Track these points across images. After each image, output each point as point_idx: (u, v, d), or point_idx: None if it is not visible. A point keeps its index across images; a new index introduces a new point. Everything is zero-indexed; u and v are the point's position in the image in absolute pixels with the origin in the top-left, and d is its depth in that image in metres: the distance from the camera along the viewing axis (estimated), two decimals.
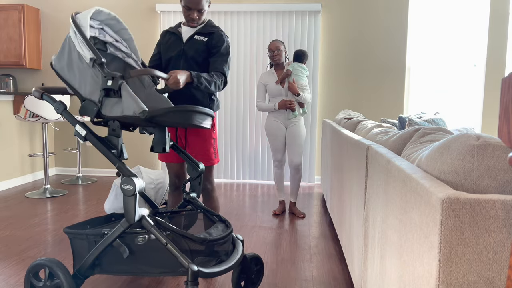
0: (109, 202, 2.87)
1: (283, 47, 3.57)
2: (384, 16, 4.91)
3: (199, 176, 2.13)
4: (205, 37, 2.34)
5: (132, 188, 1.69)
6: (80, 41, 1.77)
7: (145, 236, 1.78)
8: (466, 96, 4.96)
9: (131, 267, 1.82)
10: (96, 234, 1.84)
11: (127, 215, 1.73)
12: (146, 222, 1.75)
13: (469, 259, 0.88)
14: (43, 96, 1.88)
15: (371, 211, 1.63)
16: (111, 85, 1.73)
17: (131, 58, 2.13)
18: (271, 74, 3.62)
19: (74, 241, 1.91)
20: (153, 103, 2.12)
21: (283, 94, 3.57)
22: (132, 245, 1.80)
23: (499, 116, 0.60)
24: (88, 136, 1.80)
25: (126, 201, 1.72)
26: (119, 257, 1.82)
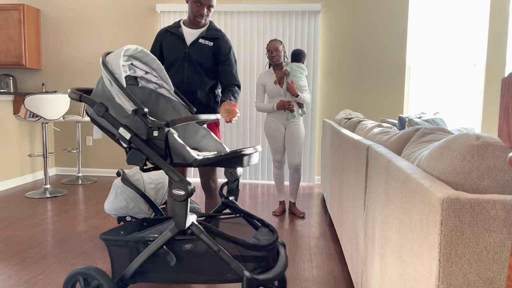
0: (109, 202, 2.87)
1: (282, 47, 3.55)
2: (384, 16, 4.91)
3: (237, 180, 2.06)
4: (210, 41, 2.36)
5: (184, 193, 1.62)
6: (118, 91, 1.70)
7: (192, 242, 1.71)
8: (466, 96, 4.96)
9: (177, 275, 1.74)
10: (139, 240, 1.76)
11: (178, 220, 1.65)
12: (196, 228, 1.68)
13: (469, 259, 0.88)
14: (82, 98, 1.76)
15: (371, 211, 1.63)
16: (157, 135, 1.67)
17: (163, 87, 2.09)
18: (269, 74, 3.60)
19: (113, 248, 1.82)
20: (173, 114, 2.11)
21: (282, 95, 3.56)
22: (178, 252, 1.72)
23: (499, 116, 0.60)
24: (133, 139, 1.69)
25: (177, 206, 1.64)
26: (165, 265, 1.75)
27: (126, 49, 1.85)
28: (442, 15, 4.88)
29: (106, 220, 3.43)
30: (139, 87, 2.06)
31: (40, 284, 2.24)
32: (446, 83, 4.96)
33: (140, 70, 2.01)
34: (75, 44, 5.33)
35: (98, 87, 1.78)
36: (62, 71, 5.38)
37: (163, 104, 2.12)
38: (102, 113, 1.71)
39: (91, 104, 1.74)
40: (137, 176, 2.93)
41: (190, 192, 1.62)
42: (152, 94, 2.10)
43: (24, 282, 2.26)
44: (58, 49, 5.36)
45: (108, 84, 1.73)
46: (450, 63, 4.92)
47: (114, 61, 1.76)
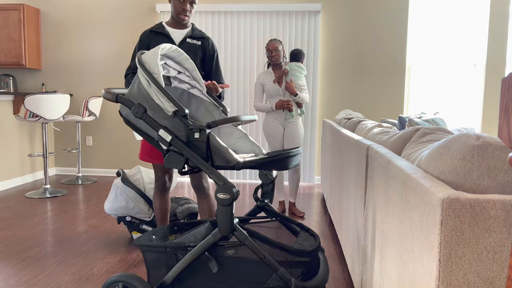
0: (109, 202, 2.87)
1: (282, 47, 3.54)
2: (384, 16, 4.91)
3: (272, 182, 2.00)
4: (198, 40, 2.43)
5: (229, 197, 1.56)
6: (157, 91, 1.65)
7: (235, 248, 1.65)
8: (466, 96, 4.96)
9: (218, 282, 1.67)
10: (177, 246, 1.69)
11: (222, 225, 1.58)
12: (240, 233, 1.60)
13: (469, 259, 0.88)
14: (118, 99, 1.69)
15: (371, 211, 1.63)
16: (199, 137, 1.62)
17: (196, 88, 2.07)
18: (268, 74, 3.59)
19: (149, 254, 1.75)
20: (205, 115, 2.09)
21: (281, 94, 3.54)
22: (220, 257, 1.66)
23: (499, 116, 0.60)
24: (173, 141, 1.63)
25: (221, 210, 1.58)
26: (206, 271, 1.68)
27: (162, 47, 1.80)
28: (442, 15, 4.88)
29: (106, 220, 3.43)
30: (172, 87, 2.03)
31: (40, 284, 2.24)
32: (446, 83, 4.96)
33: (173, 70, 1.98)
34: (75, 44, 5.33)
35: (134, 87, 1.73)
36: (62, 71, 5.38)
37: (196, 104, 2.08)
38: (141, 115, 1.65)
39: (128, 105, 1.67)
40: (137, 176, 2.93)
41: (235, 195, 1.57)
42: (184, 94, 2.07)
43: (24, 282, 2.26)
44: (58, 49, 5.36)
45: (145, 84, 1.68)
46: (450, 63, 4.92)
47: (151, 60, 1.71)
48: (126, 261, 2.57)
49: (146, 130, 1.73)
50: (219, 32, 5.06)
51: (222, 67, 5.08)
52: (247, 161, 1.61)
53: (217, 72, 2.50)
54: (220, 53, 5.08)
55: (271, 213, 1.98)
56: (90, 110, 4.87)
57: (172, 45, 1.88)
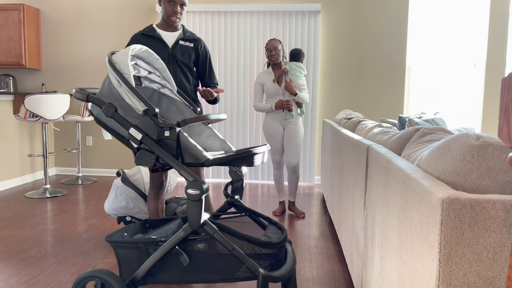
0: (109, 202, 2.87)
1: (281, 46, 3.52)
2: (384, 16, 4.91)
3: (242, 179, 2.06)
4: (190, 42, 2.47)
5: (199, 193, 1.62)
6: (127, 91, 1.69)
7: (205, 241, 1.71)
8: (466, 96, 4.96)
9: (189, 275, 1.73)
10: (149, 242, 1.74)
11: (192, 220, 1.65)
12: (210, 227, 1.67)
13: (469, 259, 0.88)
14: (89, 98, 1.72)
15: (371, 211, 1.63)
16: (169, 135, 1.67)
17: (166, 87, 2.11)
18: (268, 74, 3.56)
19: (120, 250, 1.80)
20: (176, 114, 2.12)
21: (281, 94, 3.51)
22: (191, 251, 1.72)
23: (499, 116, 0.60)
24: (144, 140, 1.68)
25: (191, 205, 1.64)
26: (177, 265, 1.74)
27: (132, 48, 1.84)
28: (442, 15, 4.88)
29: (106, 220, 3.43)
30: (142, 87, 2.06)
31: (40, 284, 2.24)
32: (446, 83, 4.96)
33: (144, 70, 2.01)
34: (75, 44, 5.33)
35: (104, 87, 1.77)
36: (62, 71, 5.38)
37: (166, 104, 2.13)
38: (112, 114, 1.69)
39: (99, 104, 1.71)
40: (137, 176, 2.93)
41: (205, 191, 1.62)
42: (155, 93, 2.11)
43: (24, 282, 2.26)
44: (58, 49, 5.36)
45: (116, 84, 1.71)
46: (450, 63, 4.92)
47: (122, 60, 1.75)
48: None
49: (117, 129, 1.77)
50: (219, 32, 5.06)
51: (217, 68, 5.08)
52: (216, 158, 1.65)
53: (210, 73, 2.57)
54: (220, 53, 5.09)
55: (241, 208, 2.05)
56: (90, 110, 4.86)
57: (142, 46, 1.91)
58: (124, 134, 1.76)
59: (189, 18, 5.08)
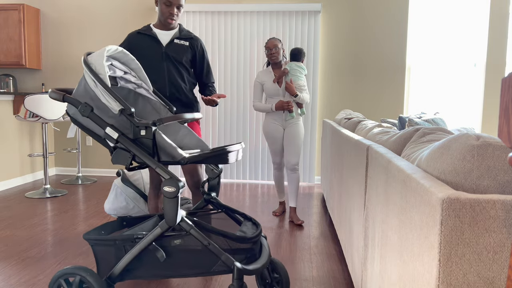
0: (109, 202, 2.87)
1: (281, 45, 3.46)
2: (384, 16, 4.91)
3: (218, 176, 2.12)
4: (186, 41, 2.47)
5: (175, 190, 1.65)
6: (103, 91, 1.71)
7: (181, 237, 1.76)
8: (466, 96, 4.96)
9: (166, 270, 1.78)
10: (126, 239, 1.77)
11: (168, 217, 1.68)
12: (186, 224, 1.72)
13: (469, 259, 0.88)
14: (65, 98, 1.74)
15: (371, 211, 1.63)
16: (145, 134, 1.70)
17: (142, 87, 2.12)
18: (268, 73, 3.49)
19: (98, 248, 1.83)
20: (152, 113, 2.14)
21: (281, 94, 3.44)
22: (167, 247, 1.76)
23: (499, 116, 0.60)
24: (120, 139, 1.71)
25: (167, 202, 1.68)
26: (154, 261, 1.78)
27: (108, 49, 1.86)
28: (442, 15, 4.88)
29: (106, 220, 3.43)
30: (118, 87, 2.08)
31: (40, 284, 2.24)
32: (446, 83, 4.96)
33: (119, 70, 2.03)
34: (75, 44, 5.33)
35: (80, 87, 1.79)
36: (62, 71, 5.38)
37: (142, 103, 2.14)
38: (88, 113, 1.72)
39: (75, 104, 1.74)
40: (137, 176, 2.93)
41: (180, 188, 1.65)
42: (131, 94, 2.13)
43: (24, 282, 2.26)
44: (58, 49, 5.36)
45: (92, 85, 1.74)
46: (450, 63, 4.92)
47: (97, 61, 1.77)
48: None
49: (92, 128, 1.80)
50: (219, 32, 5.06)
51: (217, 68, 5.09)
52: (191, 156, 1.69)
53: (208, 71, 2.58)
54: (220, 53, 5.09)
55: (217, 205, 2.11)
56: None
57: (118, 46, 1.94)
58: (100, 133, 1.79)
59: (189, 18, 5.08)
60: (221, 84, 5.12)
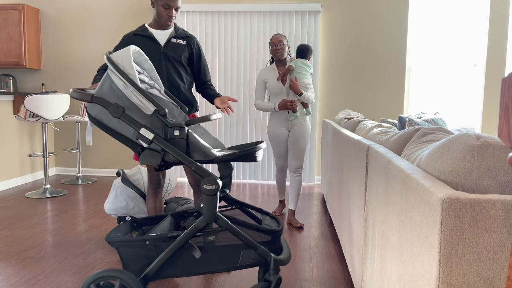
0: (109, 202, 2.87)
1: (286, 41, 3.29)
2: (384, 16, 4.91)
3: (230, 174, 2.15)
4: (183, 40, 2.48)
5: (215, 188, 1.70)
6: (134, 91, 1.71)
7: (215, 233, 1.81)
8: (466, 96, 4.96)
9: (198, 267, 1.80)
10: (158, 238, 1.77)
11: (208, 214, 1.72)
12: (223, 220, 1.76)
13: (469, 259, 0.88)
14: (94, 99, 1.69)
15: (371, 211, 1.63)
16: (178, 135, 1.73)
17: (154, 88, 2.12)
18: (272, 70, 3.32)
19: (125, 249, 1.81)
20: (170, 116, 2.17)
21: (284, 93, 3.29)
22: (201, 244, 1.80)
23: (499, 116, 0.60)
24: (155, 139, 1.71)
25: (207, 200, 1.72)
26: (187, 259, 1.79)
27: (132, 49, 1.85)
28: (442, 15, 4.88)
29: (106, 220, 3.43)
30: None
31: (40, 284, 2.24)
32: (446, 83, 4.96)
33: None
34: (75, 44, 5.33)
35: (105, 87, 1.76)
36: (62, 71, 5.38)
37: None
38: (120, 114, 1.69)
39: (105, 105, 1.69)
40: (137, 176, 2.93)
41: (220, 186, 1.71)
42: None
43: (24, 282, 2.26)
44: (58, 49, 5.36)
45: (120, 85, 1.72)
46: (450, 63, 4.92)
47: (125, 61, 1.75)
48: None
49: (119, 129, 1.78)
50: (219, 32, 5.06)
51: (217, 68, 5.09)
52: (224, 155, 1.75)
53: (204, 69, 2.59)
54: (220, 53, 5.09)
55: (232, 201, 2.14)
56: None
57: (135, 46, 1.93)
58: (127, 134, 1.77)
59: (189, 18, 5.08)
60: (221, 84, 5.12)
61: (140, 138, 1.71)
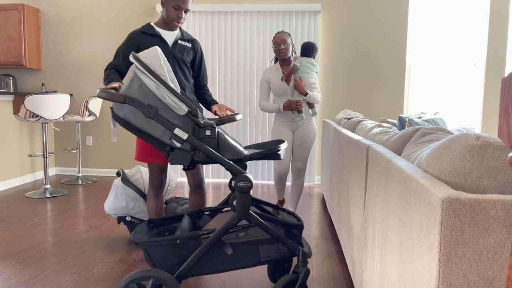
0: (109, 202, 2.86)
1: (290, 39, 3.16)
2: (384, 16, 4.91)
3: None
4: (188, 43, 2.50)
5: (249, 185, 1.75)
6: (168, 92, 1.73)
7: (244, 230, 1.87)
8: (466, 96, 4.96)
9: (228, 263, 1.84)
10: (190, 237, 1.80)
11: (242, 211, 1.77)
12: (254, 217, 1.81)
13: (469, 259, 0.88)
14: (127, 99, 1.68)
15: (371, 211, 1.63)
16: (210, 134, 1.77)
17: None
18: (275, 70, 3.21)
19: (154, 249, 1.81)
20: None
21: (289, 93, 3.17)
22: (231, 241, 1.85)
23: (499, 116, 0.60)
24: (189, 139, 1.73)
25: (241, 197, 1.76)
26: (217, 256, 1.83)
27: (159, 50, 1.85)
28: (442, 15, 4.88)
29: (106, 220, 3.43)
30: None
31: (40, 284, 2.24)
32: (446, 83, 4.96)
33: None
34: (75, 44, 5.33)
35: (133, 87, 1.76)
36: (62, 71, 5.38)
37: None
38: (154, 115, 1.70)
39: (139, 106, 1.69)
40: (137, 176, 2.93)
41: (253, 184, 1.76)
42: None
43: (24, 282, 2.26)
44: (58, 49, 5.36)
45: (152, 86, 1.73)
46: (450, 63, 4.92)
47: (156, 62, 1.77)
48: (126, 261, 2.57)
49: (148, 130, 1.78)
50: (219, 32, 5.06)
51: (217, 68, 5.09)
52: (253, 153, 1.80)
53: (204, 74, 2.62)
54: (220, 54, 5.09)
55: None
56: (90, 110, 4.87)
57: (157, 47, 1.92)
58: (156, 134, 1.77)
59: (189, 18, 5.08)
60: (221, 84, 5.12)
61: (174, 138, 1.74)
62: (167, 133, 1.77)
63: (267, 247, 1.84)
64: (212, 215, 2.19)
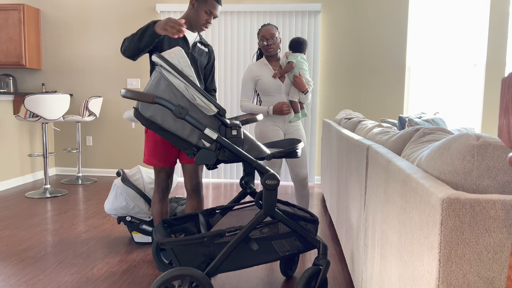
0: (109, 202, 2.86)
1: (278, 33, 2.88)
2: (384, 16, 4.91)
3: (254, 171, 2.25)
4: (205, 47, 2.49)
5: (276, 183, 1.80)
6: (197, 92, 1.75)
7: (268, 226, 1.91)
8: (466, 96, 4.96)
9: (252, 259, 1.89)
10: (216, 235, 1.83)
11: (268, 207, 1.83)
12: (278, 213, 1.87)
13: (469, 259, 0.88)
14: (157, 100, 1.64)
15: (371, 211, 1.63)
16: (236, 134, 1.80)
17: None
18: (264, 66, 2.88)
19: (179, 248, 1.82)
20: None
21: (283, 91, 2.87)
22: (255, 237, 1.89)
23: (499, 116, 0.60)
24: (219, 139, 1.76)
25: (268, 194, 1.82)
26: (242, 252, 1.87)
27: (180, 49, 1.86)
28: (442, 15, 4.88)
29: (106, 220, 3.43)
30: None
31: (40, 284, 2.24)
32: (446, 83, 4.96)
33: None
34: (75, 44, 5.33)
35: (160, 87, 1.76)
36: (62, 71, 5.38)
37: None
38: (184, 115, 1.70)
39: (169, 106, 1.68)
40: (137, 176, 2.93)
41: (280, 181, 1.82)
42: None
43: (24, 282, 2.26)
44: (58, 49, 5.36)
45: (181, 86, 1.75)
46: (450, 63, 4.92)
47: (183, 63, 1.79)
48: (126, 261, 2.57)
49: (174, 130, 1.78)
50: (219, 32, 5.06)
51: (217, 68, 5.09)
52: (275, 152, 1.87)
53: (213, 78, 2.62)
54: (220, 54, 5.09)
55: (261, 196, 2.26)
56: (90, 110, 4.87)
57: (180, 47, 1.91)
58: (182, 134, 1.77)
59: None
60: (221, 84, 5.12)
61: (203, 138, 1.77)
62: (195, 133, 1.78)
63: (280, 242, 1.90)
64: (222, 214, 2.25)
